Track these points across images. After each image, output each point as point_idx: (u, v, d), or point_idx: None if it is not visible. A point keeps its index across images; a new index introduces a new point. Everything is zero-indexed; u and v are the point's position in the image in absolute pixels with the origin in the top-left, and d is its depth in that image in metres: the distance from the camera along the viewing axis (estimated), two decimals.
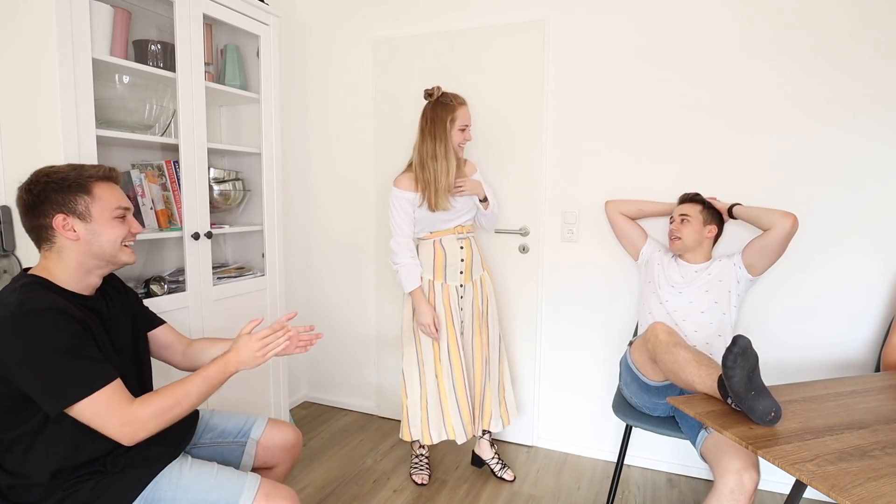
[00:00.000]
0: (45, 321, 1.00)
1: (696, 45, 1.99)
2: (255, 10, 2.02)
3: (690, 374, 1.35)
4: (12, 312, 1.00)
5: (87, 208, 1.11)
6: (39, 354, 0.99)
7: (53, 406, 1.00)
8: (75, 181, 1.11)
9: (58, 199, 1.09)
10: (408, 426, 2.02)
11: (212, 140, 2.13)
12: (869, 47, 1.80)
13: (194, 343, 1.40)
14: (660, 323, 1.57)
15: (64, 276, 1.11)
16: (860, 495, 0.87)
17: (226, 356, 1.19)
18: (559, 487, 2.08)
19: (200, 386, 1.13)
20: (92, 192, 1.12)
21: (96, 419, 1.02)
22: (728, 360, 1.13)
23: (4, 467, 1.07)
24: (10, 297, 1.04)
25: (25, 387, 1.00)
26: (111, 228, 1.14)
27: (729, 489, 1.26)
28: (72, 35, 1.42)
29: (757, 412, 1.10)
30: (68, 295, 1.11)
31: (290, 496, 1.16)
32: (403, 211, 1.92)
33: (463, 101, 1.93)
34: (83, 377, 1.01)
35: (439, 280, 1.97)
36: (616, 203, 2.05)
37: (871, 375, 1.46)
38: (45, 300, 1.03)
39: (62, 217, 1.09)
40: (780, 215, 1.66)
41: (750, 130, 1.95)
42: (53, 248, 1.11)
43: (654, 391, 1.65)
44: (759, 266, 1.74)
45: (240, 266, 2.20)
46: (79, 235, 1.10)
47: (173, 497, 1.09)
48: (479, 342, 2.01)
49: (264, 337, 1.21)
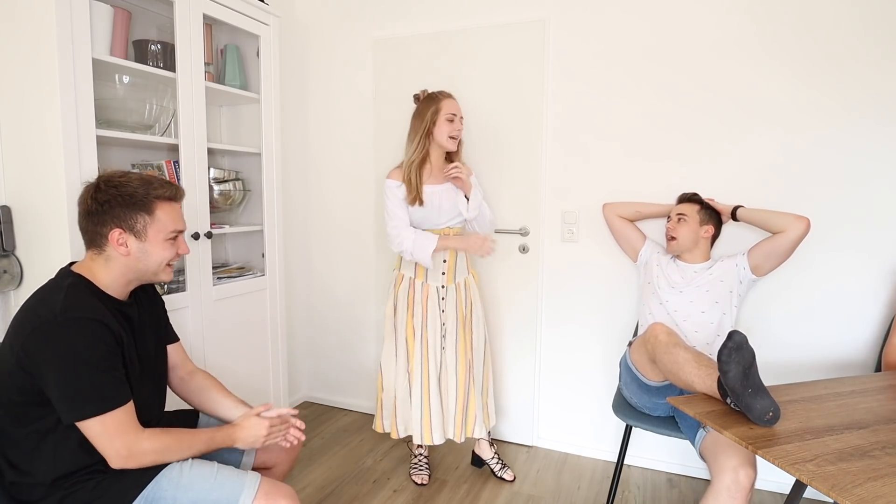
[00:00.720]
0: (84, 331, 1.03)
1: (700, 46, 1.99)
2: (255, 10, 2.02)
3: (690, 374, 1.35)
4: (56, 315, 1.02)
5: (145, 228, 1.14)
6: (70, 363, 1.01)
7: (69, 416, 1.03)
8: (142, 199, 1.13)
9: (120, 214, 1.12)
10: (381, 418, 2.07)
11: (212, 140, 2.14)
12: (872, 48, 1.80)
13: (199, 376, 1.39)
14: (659, 323, 1.57)
15: (106, 280, 1.14)
16: (860, 495, 0.87)
17: (233, 430, 1.23)
18: (559, 487, 2.08)
19: (202, 445, 1.17)
20: (154, 213, 1.15)
21: (101, 437, 1.04)
22: (723, 354, 1.13)
23: (11, 462, 1.07)
24: (57, 295, 1.06)
25: (48, 389, 1.02)
26: (162, 250, 1.17)
27: (725, 486, 1.26)
28: (72, 35, 1.42)
29: (755, 411, 1.10)
30: (107, 299, 1.14)
31: (290, 495, 1.17)
32: (396, 198, 1.92)
33: (448, 94, 1.93)
34: (102, 394, 1.04)
35: (420, 279, 1.98)
36: (613, 206, 2.05)
37: (871, 375, 1.46)
38: (88, 308, 1.06)
39: (119, 231, 1.12)
40: (794, 218, 1.65)
41: (752, 131, 1.95)
42: (102, 254, 1.14)
43: (654, 391, 1.65)
44: (766, 267, 1.74)
45: (240, 266, 2.20)
46: (130, 252, 1.14)
47: (174, 496, 1.09)
48: (461, 345, 1.99)
49: (272, 425, 1.26)
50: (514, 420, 2.42)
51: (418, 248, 1.88)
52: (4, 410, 1.06)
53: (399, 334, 2.00)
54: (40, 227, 1.51)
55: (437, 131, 1.89)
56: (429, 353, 1.97)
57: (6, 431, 1.07)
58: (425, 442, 1.96)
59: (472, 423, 2.01)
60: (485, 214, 2.04)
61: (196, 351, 1.84)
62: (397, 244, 1.91)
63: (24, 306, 1.08)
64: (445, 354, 1.99)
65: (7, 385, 1.05)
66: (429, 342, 1.96)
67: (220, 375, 1.94)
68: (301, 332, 2.83)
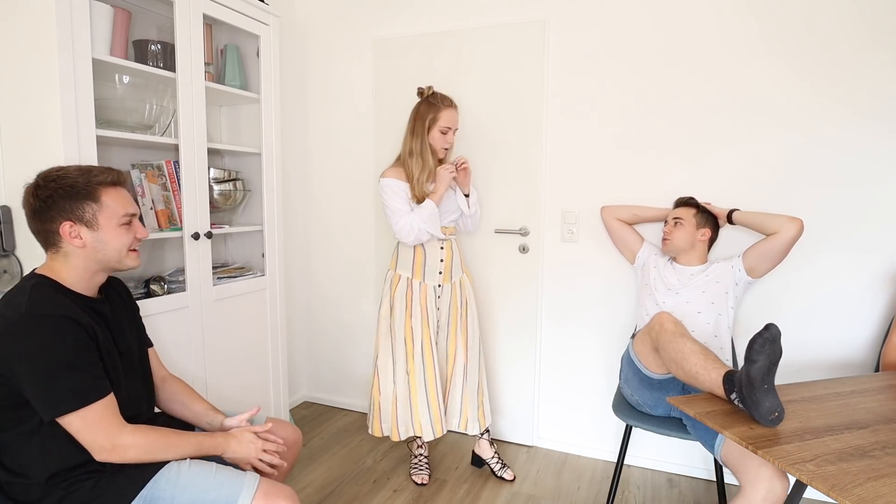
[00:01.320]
0: (51, 327, 1.02)
1: (702, 47, 1.99)
2: (255, 10, 2.02)
3: (696, 364, 1.35)
4: (22, 315, 1.01)
5: (95, 216, 1.12)
6: (41, 360, 1.00)
7: (47, 413, 1.02)
8: (84, 188, 1.11)
9: (65, 206, 1.10)
10: (378, 422, 2.05)
11: (212, 140, 2.14)
12: (875, 49, 1.79)
13: (170, 381, 1.38)
14: (666, 313, 1.57)
15: (70, 277, 1.13)
16: (860, 495, 0.87)
17: (226, 440, 1.21)
18: (559, 487, 2.08)
19: (190, 448, 1.15)
20: (100, 200, 1.13)
21: (83, 432, 1.04)
22: (756, 343, 1.12)
23: (4, 464, 1.07)
24: (21, 297, 1.05)
25: (24, 389, 1.01)
26: (118, 236, 1.15)
27: (761, 497, 1.23)
28: (72, 35, 1.42)
29: (762, 408, 1.09)
30: (75, 296, 1.12)
31: (290, 495, 1.16)
32: (397, 195, 1.92)
33: (451, 104, 1.93)
34: (78, 389, 1.03)
35: (417, 279, 1.99)
36: (611, 208, 2.06)
37: (871, 375, 1.46)
38: (54, 305, 1.05)
39: (69, 224, 1.10)
40: (787, 220, 1.66)
41: (754, 131, 1.95)
42: (60, 251, 1.12)
43: (656, 385, 1.65)
44: (761, 269, 1.74)
45: (240, 266, 2.20)
46: (85, 243, 1.12)
47: (172, 496, 1.09)
48: (453, 343, 2.02)
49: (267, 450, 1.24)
50: (514, 420, 2.42)
51: (428, 220, 1.88)
52: None
53: (397, 335, 2.00)
54: None
55: (431, 140, 1.93)
56: (431, 351, 1.98)
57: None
58: (437, 435, 1.97)
59: (466, 420, 2.03)
60: (478, 211, 2.12)
61: (195, 351, 1.84)
62: (408, 233, 1.90)
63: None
64: (438, 351, 2.02)
65: None
66: (430, 340, 1.98)
67: (220, 375, 1.94)
68: (301, 333, 2.83)
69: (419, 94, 1.98)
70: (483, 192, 2.35)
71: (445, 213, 2.00)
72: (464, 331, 2.05)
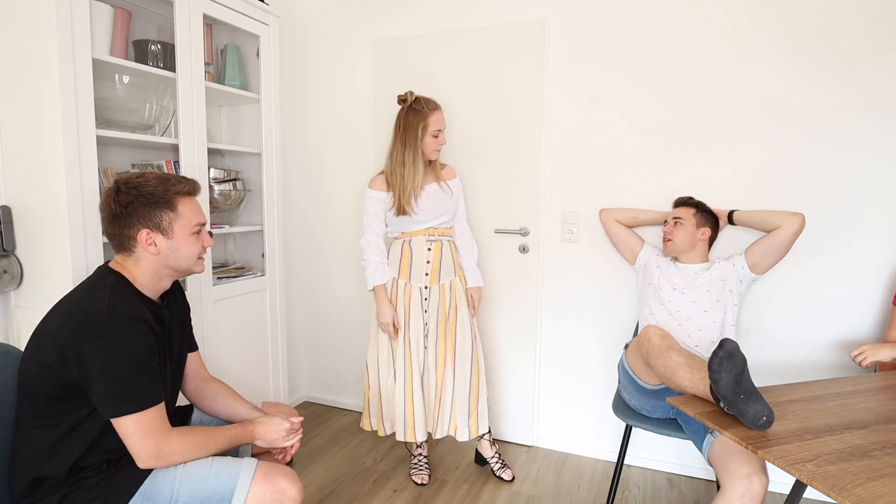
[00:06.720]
0: (130, 328, 1.05)
1: (706, 45, 1.99)
2: (255, 10, 2.02)
3: (683, 378, 1.35)
4: (103, 311, 1.04)
5: (171, 225, 1.16)
6: (115, 359, 1.03)
7: (110, 411, 1.04)
8: (162, 196, 1.14)
9: (145, 214, 1.13)
10: (368, 416, 2.10)
11: (212, 140, 2.14)
12: (882, 48, 1.79)
13: (212, 384, 1.40)
14: (652, 326, 1.57)
15: (141, 279, 1.17)
16: (860, 495, 0.87)
17: (254, 426, 1.25)
18: (559, 487, 2.08)
19: (226, 441, 1.19)
20: (177, 209, 1.16)
21: (134, 436, 1.05)
22: (713, 363, 1.13)
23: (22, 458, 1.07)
24: (101, 293, 1.08)
25: (90, 384, 1.03)
26: (189, 245, 1.19)
27: (739, 494, 1.25)
28: (72, 35, 1.42)
29: (748, 416, 1.09)
30: (145, 300, 1.16)
31: (290, 474, 1.17)
32: (374, 211, 1.99)
33: (436, 107, 1.93)
34: (142, 392, 1.05)
35: (403, 279, 2.00)
36: (610, 211, 2.05)
37: (871, 375, 1.46)
38: (133, 306, 1.09)
39: (147, 232, 1.13)
40: (789, 215, 1.67)
41: (755, 131, 1.95)
42: (132, 255, 1.16)
43: (652, 394, 1.65)
44: (763, 265, 1.75)
45: (240, 266, 2.20)
46: (159, 250, 1.15)
47: (171, 488, 1.10)
48: (442, 348, 2.00)
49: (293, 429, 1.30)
50: (514, 420, 2.42)
51: (369, 275, 2.00)
52: (29, 403, 1.07)
53: (382, 334, 2.02)
54: (40, 227, 1.51)
55: (424, 146, 1.93)
56: (412, 352, 1.98)
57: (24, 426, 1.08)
58: (408, 439, 2.00)
59: (455, 425, 2.03)
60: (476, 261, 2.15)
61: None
62: (361, 258, 2.03)
63: (68, 303, 1.10)
64: (427, 354, 2.01)
65: (41, 377, 1.05)
66: (412, 342, 1.98)
67: (220, 375, 1.94)
68: (301, 333, 2.83)
69: (401, 101, 1.94)
70: (483, 192, 2.35)
71: (436, 214, 1.99)
72: (452, 336, 2.01)
